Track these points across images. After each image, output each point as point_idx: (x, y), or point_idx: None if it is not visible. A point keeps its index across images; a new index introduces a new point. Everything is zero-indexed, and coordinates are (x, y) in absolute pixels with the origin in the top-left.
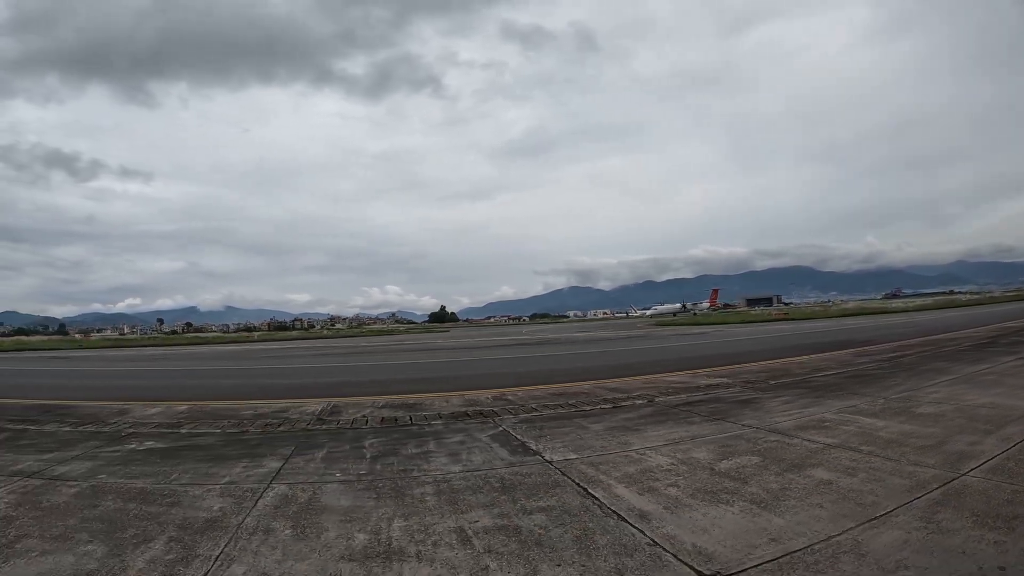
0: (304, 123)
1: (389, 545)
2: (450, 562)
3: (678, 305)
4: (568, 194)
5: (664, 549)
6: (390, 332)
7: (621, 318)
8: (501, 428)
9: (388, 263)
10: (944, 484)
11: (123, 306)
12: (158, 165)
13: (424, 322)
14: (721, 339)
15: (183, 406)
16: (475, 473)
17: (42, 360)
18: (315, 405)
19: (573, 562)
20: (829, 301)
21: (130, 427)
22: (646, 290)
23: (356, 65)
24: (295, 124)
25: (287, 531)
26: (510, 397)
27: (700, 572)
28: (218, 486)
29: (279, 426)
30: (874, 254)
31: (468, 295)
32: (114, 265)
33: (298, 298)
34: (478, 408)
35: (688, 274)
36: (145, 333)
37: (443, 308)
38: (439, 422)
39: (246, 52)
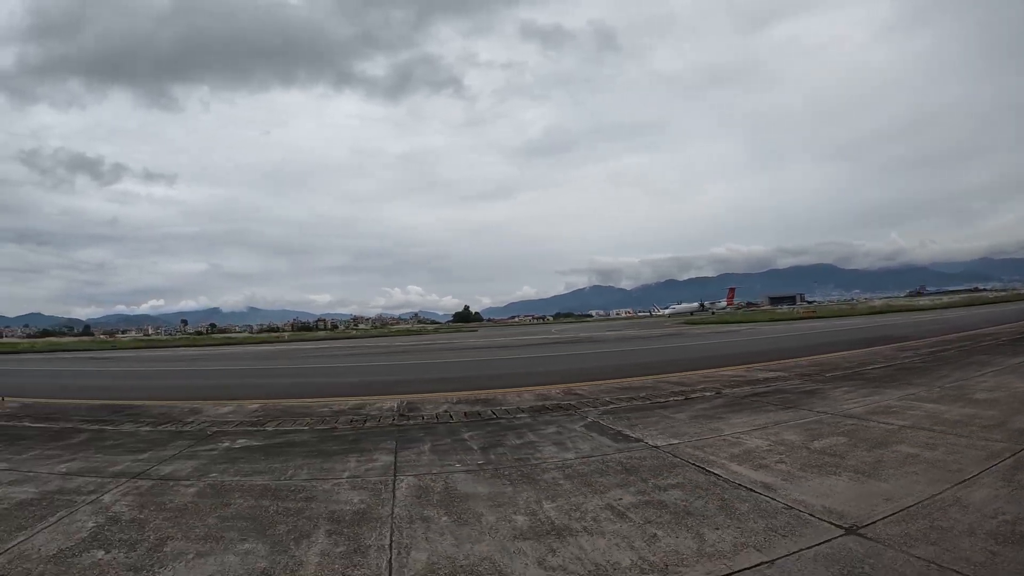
0: (325, 125)
1: (552, 524)
2: (619, 533)
3: (696, 304)
4: (589, 193)
5: (800, 511)
6: (419, 332)
7: (644, 317)
8: (589, 419)
9: (409, 263)
10: (1015, 454)
11: (146, 307)
12: (181, 168)
13: (448, 322)
14: (757, 336)
15: (254, 404)
16: (591, 459)
17: (82, 360)
18: (389, 402)
19: (728, 525)
20: (853, 299)
21: (212, 426)
22: (668, 289)
23: (376, 67)
24: (316, 126)
25: (444, 518)
26: (578, 391)
27: (839, 525)
28: (344, 480)
29: (365, 422)
30: (897, 251)
31: (490, 295)
32: (137, 267)
33: (320, 299)
34: (554, 402)
35: (710, 273)
36: (170, 334)
37: (466, 308)
38: (524, 415)
39: (267, 55)
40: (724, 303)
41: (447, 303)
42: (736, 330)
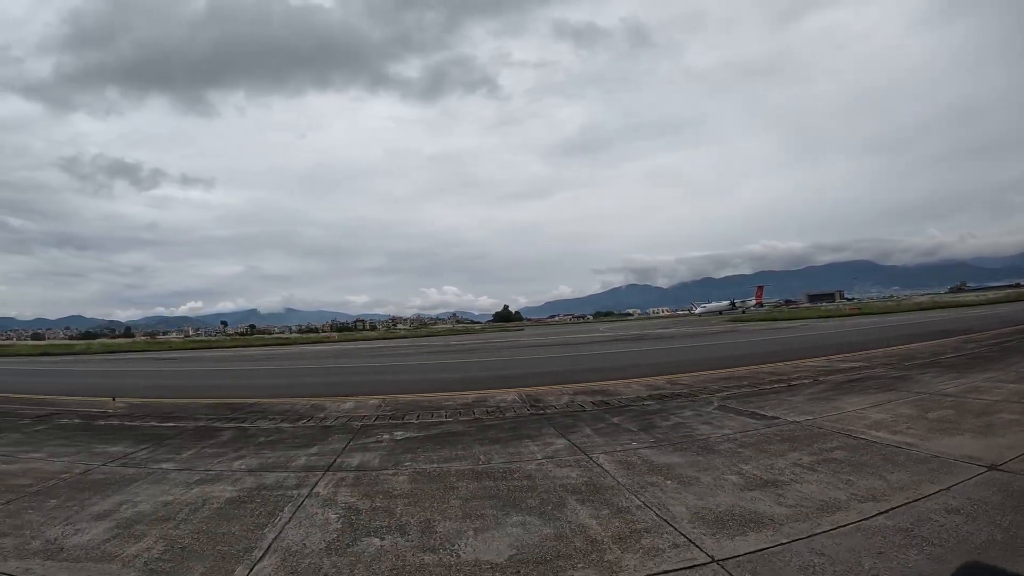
0: (360, 127)
1: (762, 479)
2: (820, 480)
3: (726, 303)
4: (625, 191)
5: (945, 458)
6: (465, 331)
7: (684, 315)
8: (715, 404)
9: (446, 264)
10: None
11: (185, 309)
12: (218, 172)
13: (489, 322)
14: (816, 332)
15: (373, 400)
16: (748, 432)
17: (152, 361)
18: (507, 395)
19: (898, 469)
20: (892, 296)
21: (350, 420)
22: (704, 287)
23: (411, 68)
24: (351, 128)
25: (668, 482)
26: (682, 382)
27: (981, 465)
28: (542, 460)
29: (504, 413)
30: (937, 246)
31: (526, 294)
32: (176, 270)
33: (356, 299)
34: (668, 391)
35: (747, 270)
36: (211, 335)
37: (506, 308)
38: (651, 402)
39: (302, 59)
40: (753, 301)
41: (483, 303)
42: (791, 326)
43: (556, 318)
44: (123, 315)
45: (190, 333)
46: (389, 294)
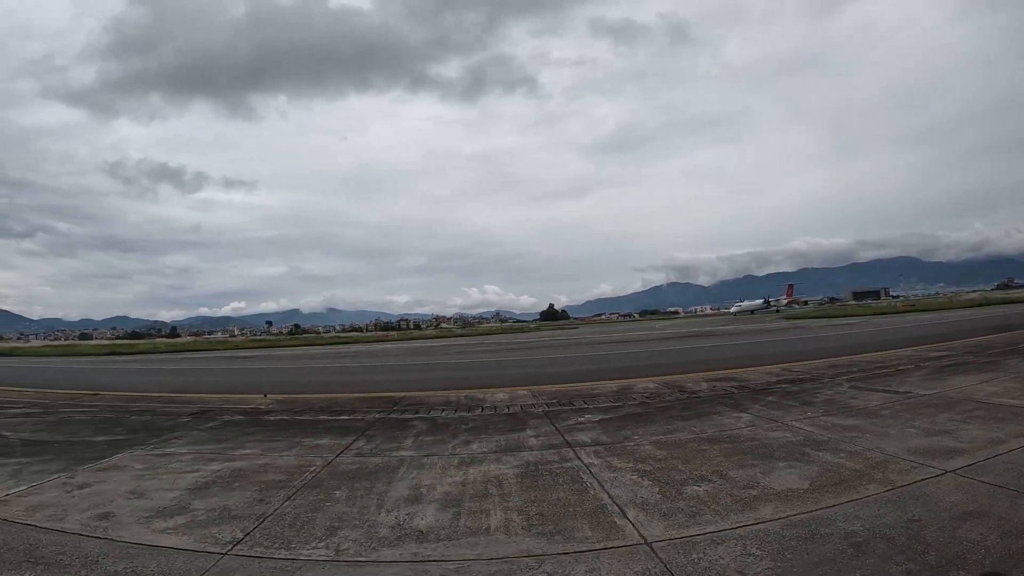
0: (400, 128)
1: (934, 429)
2: (977, 428)
3: (760, 301)
4: (665, 189)
5: None
6: (521, 330)
7: (724, 314)
8: (846, 385)
9: (486, 263)
10: None
11: (228, 309)
12: (260, 175)
13: (536, 320)
14: (883, 327)
15: (521, 390)
16: (895, 403)
17: (238, 360)
18: (647, 383)
19: None
20: (938, 293)
21: (522, 408)
22: (746, 285)
23: (450, 69)
24: (392, 130)
25: (869, 435)
26: (795, 369)
27: None
28: (746, 427)
29: (664, 397)
30: (982, 242)
31: (567, 293)
32: (219, 271)
33: (398, 299)
34: (790, 376)
35: (789, 267)
36: (256, 335)
37: (551, 306)
38: (786, 385)
39: (342, 62)
40: (784, 299)
41: (524, 302)
42: (851, 323)
43: (603, 316)
44: (167, 315)
45: (235, 333)
46: (430, 294)
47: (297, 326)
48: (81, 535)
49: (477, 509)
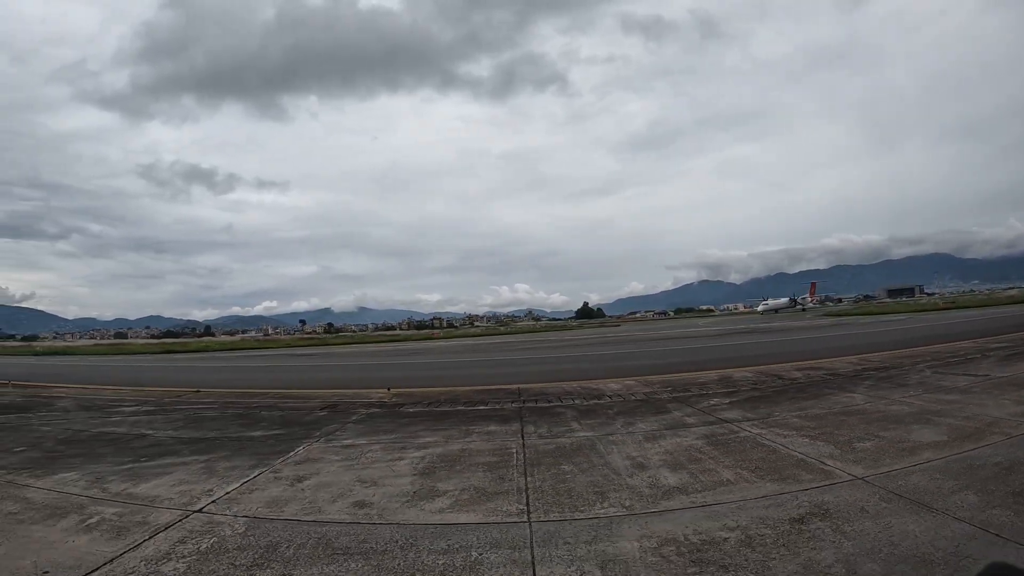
0: (431, 127)
1: (1022, 402)
2: None
3: (785, 299)
4: (696, 185)
5: None
6: (564, 328)
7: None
8: (928, 372)
9: (517, 261)
10: None
11: (260, 308)
12: (291, 175)
13: (571, 318)
14: (931, 323)
15: (630, 380)
16: (980, 383)
17: (305, 357)
18: (743, 372)
19: None
20: (972, 290)
21: (647, 395)
22: (778, 283)
23: (481, 68)
24: (422, 129)
25: (971, 407)
26: (871, 359)
27: None
28: (866, 403)
29: (768, 385)
30: (1018, 238)
31: (597, 291)
32: (251, 271)
33: (429, 298)
34: (872, 365)
35: (822, 264)
36: (289, 334)
37: (586, 304)
38: (873, 372)
39: (373, 62)
40: (809, 298)
41: (555, 300)
42: (896, 319)
43: (638, 314)
44: (200, 315)
45: (269, 332)
46: (461, 292)
47: (331, 325)
48: (359, 523)
49: (702, 468)
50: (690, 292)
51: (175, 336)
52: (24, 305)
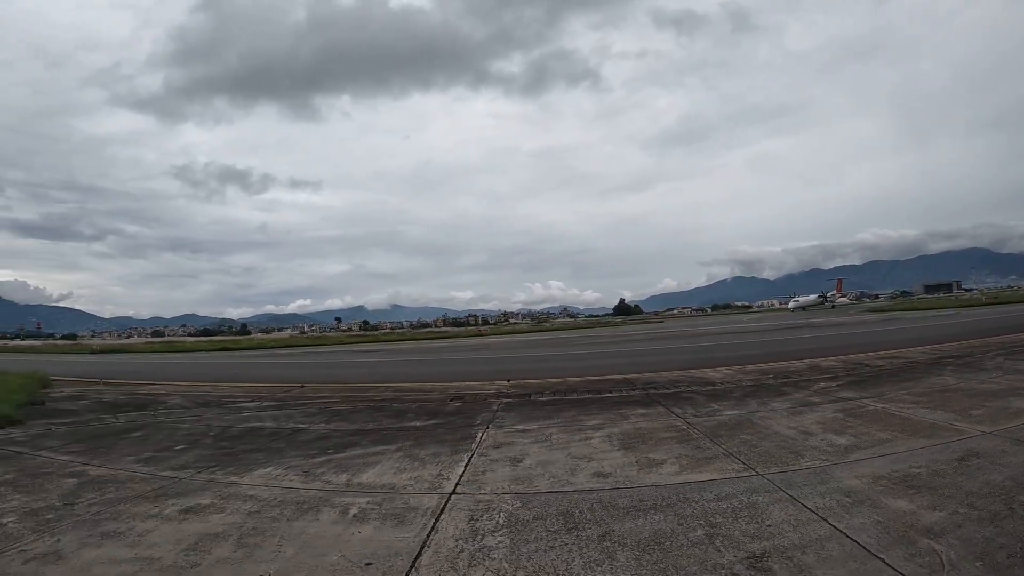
0: (463, 125)
1: None
2: None
3: (815, 296)
4: (729, 181)
5: None
6: (608, 324)
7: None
8: (1000, 358)
9: (549, 259)
10: None
11: (294, 307)
12: (325, 175)
13: (608, 315)
14: (982, 317)
15: (727, 370)
16: None
17: (369, 354)
18: (829, 361)
19: None
20: (1011, 286)
21: (757, 382)
22: (812, 278)
23: (513, 65)
24: (454, 127)
25: None
26: (942, 349)
27: None
28: (979, 384)
29: (855, 371)
30: None
31: (630, 288)
32: (285, 269)
33: (462, 295)
34: (947, 354)
35: (856, 260)
36: (325, 332)
37: (622, 301)
38: (949, 360)
39: (405, 61)
40: (836, 294)
41: (588, 297)
42: (948, 313)
43: (675, 311)
44: (235, 313)
45: (305, 330)
46: (493, 290)
47: (366, 322)
48: (617, 488)
49: (858, 432)
50: (724, 288)
51: (212, 334)
52: (62, 305)
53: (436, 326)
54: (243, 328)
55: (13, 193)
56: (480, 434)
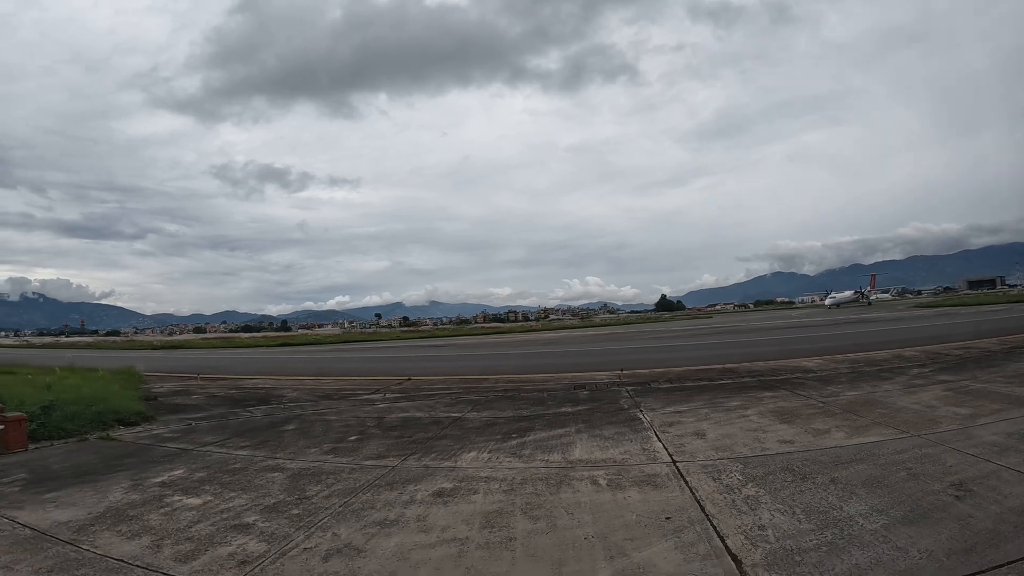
0: (500, 121)
1: None
2: None
3: (849, 293)
4: (767, 175)
5: None
6: (656, 320)
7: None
8: None
9: (587, 254)
10: None
11: (333, 303)
12: (363, 172)
13: (650, 311)
14: None
15: (817, 360)
16: None
17: (440, 348)
18: (910, 352)
19: None
20: None
21: (852, 369)
22: (852, 274)
23: (550, 61)
24: (492, 123)
25: None
26: (1010, 341)
27: None
28: None
29: (944, 358)
30: None
31: (669, 283)
32: (323, 266)
33: (499, 291)
34: (1014, 345)
35: (898, 255)
36: (366, 329)
37: (663, 296)
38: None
39: (442, 59)
40: (870, 290)
41: (626, 293)
42: (1000, 308)
43: (718, 306)
44: (274, 309)
45: (345, 326)
46: (532, 286)
47: (406, 318)
48: (825, 448)
49: (975, 404)
50: (763, 284)
51: (253, 330)
52: (104, 302)
53: (477, 322)
54: (284, 324)
55: (55, 194)
56: (641, 416)
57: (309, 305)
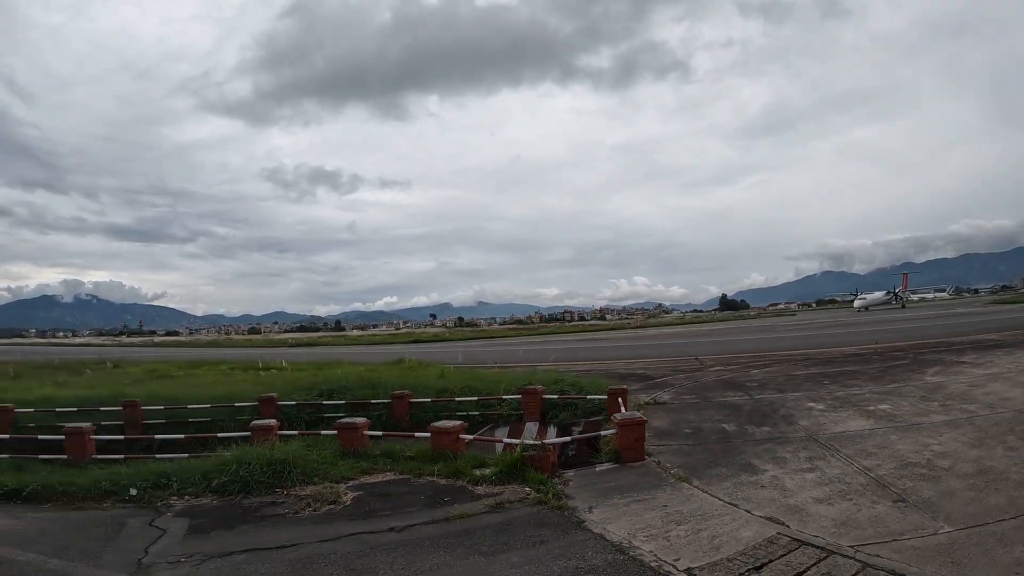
0: (550, 120)
1: None
2: None
3: (880, 293)
4: (817, 171)
5: None
6: (739, 317)
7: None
8: None
9: (634, 254)
10: None
11: (381, 304)
12: (413, 174)
13: (714, 310)
14: None
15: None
16: None
17: (628, 339)
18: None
19: None
20: None
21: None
22: (904, 272)
23: (601, 59)
24: (542, 122)
25: None
26: None
27: None
28: None
29: None
30: None
31: (716, 283)
32: (371, 267)
33: (547, 292)
34: None
35: (950, 253)
36: (420, 328)
37: (724, 296)
38: None
39: (493, 58)
40: (902, 290)
41: (673, 293)
42: None
43: (780, 305)
44: (323, 310)
45: (400, 326)
46: (579, 286)
47: (460, 319)
48: None
49: None
50: (813, 283)
51: (307, 330)
52: (156, 303)
53: (532, 321)
54: (338, 324)
55: (107, 199)
56: (928, 370)
57: (357, 306)
